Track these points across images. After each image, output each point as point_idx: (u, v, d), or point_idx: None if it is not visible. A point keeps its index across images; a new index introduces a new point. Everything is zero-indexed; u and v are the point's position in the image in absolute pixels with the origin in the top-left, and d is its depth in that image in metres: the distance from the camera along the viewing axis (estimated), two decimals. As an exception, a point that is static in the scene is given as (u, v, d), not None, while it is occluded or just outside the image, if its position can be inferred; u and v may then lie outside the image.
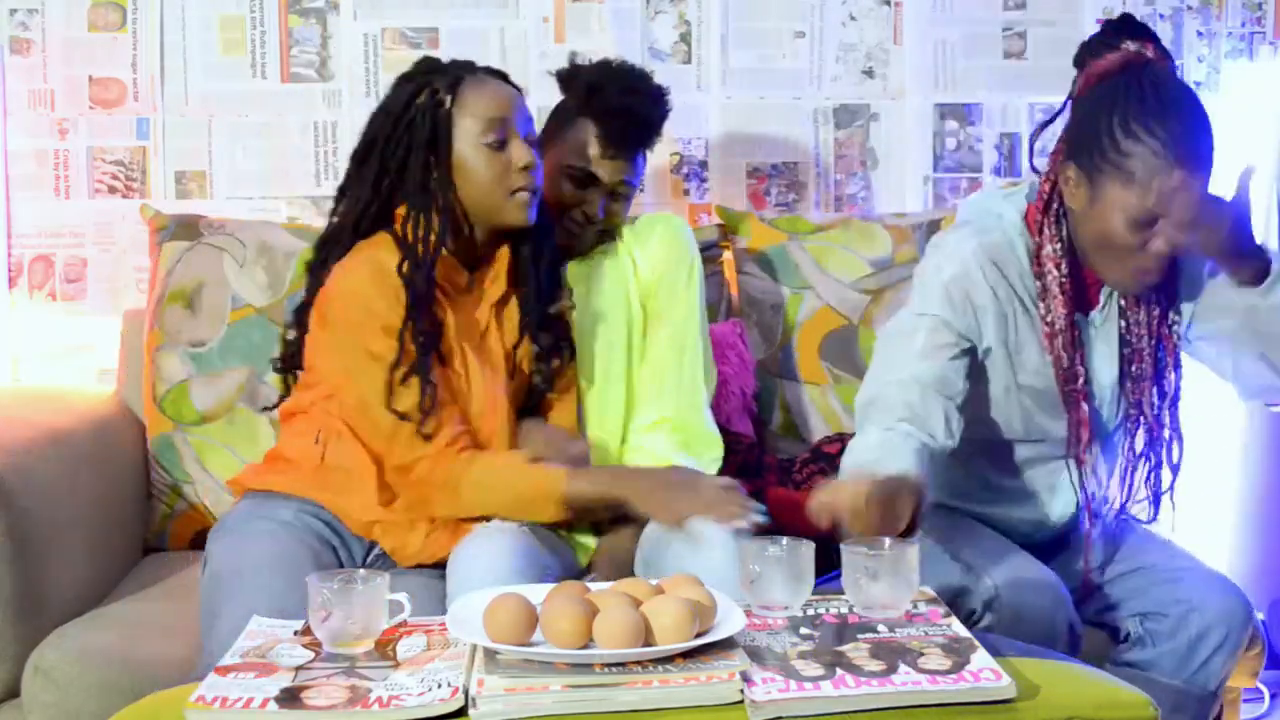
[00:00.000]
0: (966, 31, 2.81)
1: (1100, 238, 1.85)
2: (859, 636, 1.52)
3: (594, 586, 1.54)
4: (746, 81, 2.76)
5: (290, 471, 1.95)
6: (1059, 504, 2.04)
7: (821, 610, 1.62)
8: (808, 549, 1.61)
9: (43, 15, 2.64)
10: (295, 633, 1.58)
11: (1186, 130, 1.79)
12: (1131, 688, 1.48)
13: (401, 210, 1.93)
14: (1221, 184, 1.83)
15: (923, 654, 1.46)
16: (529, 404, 2.04)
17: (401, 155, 1.92)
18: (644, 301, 2.17)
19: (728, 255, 2.62)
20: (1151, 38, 1.88)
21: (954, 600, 1.81)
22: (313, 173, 2.70)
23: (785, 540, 1.63)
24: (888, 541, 1.64)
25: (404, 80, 1.98)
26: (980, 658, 1.45)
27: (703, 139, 2.77)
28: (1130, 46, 1.87)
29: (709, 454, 2.12)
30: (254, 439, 2.40)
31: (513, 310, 2.01)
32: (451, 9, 2.71)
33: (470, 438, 1.90)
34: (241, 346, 2.42)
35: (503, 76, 2.01)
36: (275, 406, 2.08)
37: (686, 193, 2.78)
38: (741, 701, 1.36)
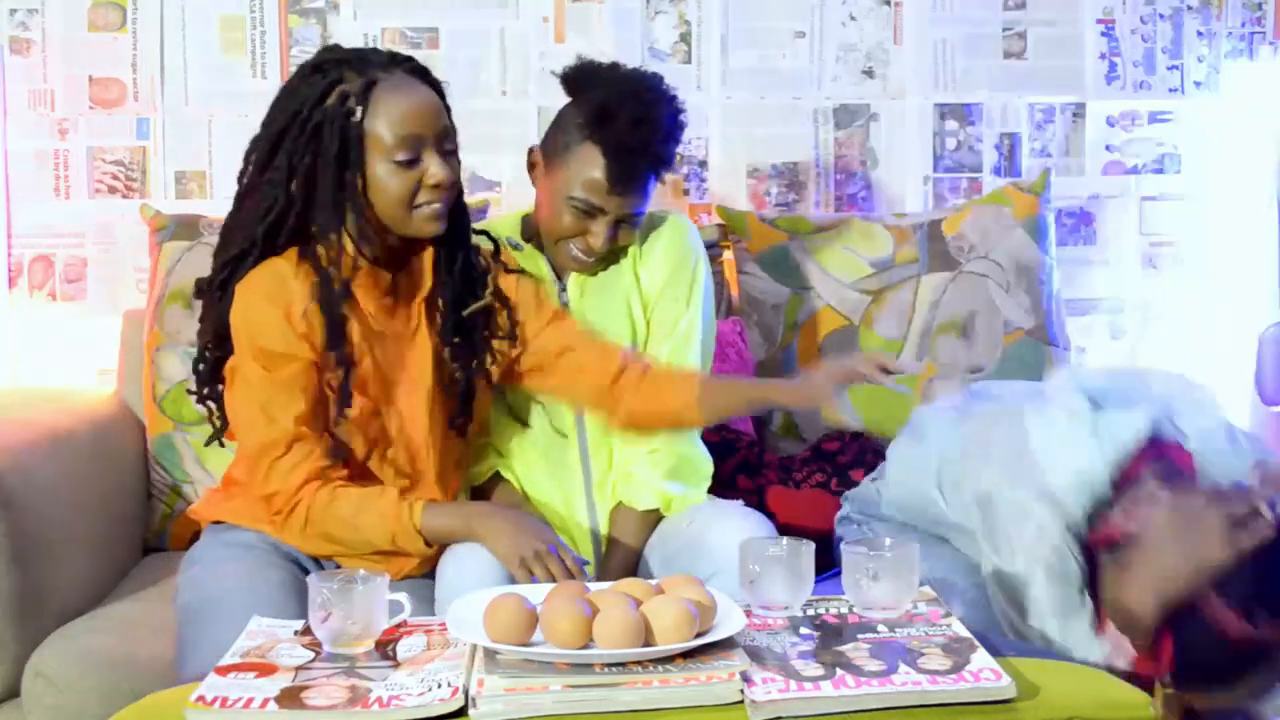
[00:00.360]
0: (966, 31, 2.81)
1: None
2: (859, 636, 1.52)
3: (594, 586, 1.54)
4: (746, 81, 2.76)
5: (241, 497, 1.91)
6: None
7: (821, 610, 1.62)
8: (808, 549, 1.61)
9: (43, 15, 2.64)
10: (295, 633, 1.58)
11: None
12: (1132, 688, 1.48)
13: (313, 229, 1.81)
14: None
15: (923, 654, 1.46)
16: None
17: (309, 164, 1.79)
18: (646, 315, 2.10)
19: (728, 255, 2.62)
20: None
21: None
22: (313, 173, 2.70)
23: (785, 540, 1.63)
24: (888, 541, 1.64)
25: (311, 71, 1.83)
26: (980, 658, 1.45)
27: (703, 139, 2.77)
28: None
29: (697, 477, 2.08)
30: (254, 439, 2.40)
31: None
32: (451, 9, 2.71)
33: (336, 471, 1.82)
34: (241, 346, 2.42)
35: (420, 73, 1.86)
36: (217, 437, 1.93)
37: (686, 193, 2.78)
38: (741, 701, 1.36)
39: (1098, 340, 2.86)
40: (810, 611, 1.61)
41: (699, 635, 1.42)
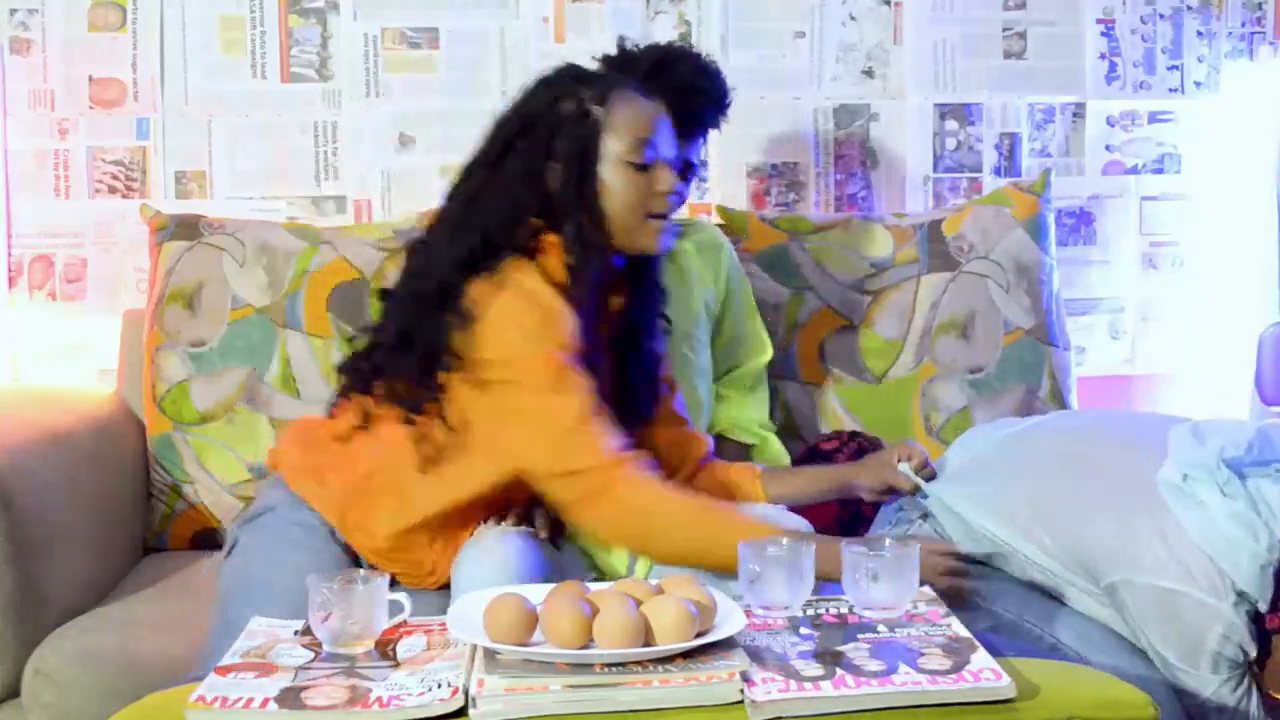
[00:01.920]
0: (966, 31, 2.81)
1: None
2: (859, 636, 1.52)
3: (593, 587, 1.54)
4: (746, 81, 2.76)
5: (335, 487, 1.86)
6: None
7: (821, 610, 1.62)
8: (808, 549, 1.61)
9: (43, 15, 2.64)
10: (295, 633, 1.58)
11: None
12: (1132, 687, 1.48)
13: (537, 223, 1.80)
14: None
15: (923, 654, 1.46)
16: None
17: (539, 164, 1.79)
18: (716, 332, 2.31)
19: (728, 255, 2.62)
20: None
21: None
22: (312, 173, 2.70)
23: (785, 540, 1.63)
24: (888, 541, 1.64)
25: (545, 84, 1.85)
26: (980, 658, 1.44)
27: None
28: None
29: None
30: (254, 439, 2.40)
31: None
32: (451, 9, 2.71)
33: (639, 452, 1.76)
34: (241, 346, 2.42)
35: (645, 92, 1.87)
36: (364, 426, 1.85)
37: (686, 193, 2.78)
38: (741, 701, 1.36)
39: (1098, 340, 2.86)
40: (810, 611, 1.61)
41: (699, 635, 1.42)
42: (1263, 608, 1.73)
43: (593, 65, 2.21)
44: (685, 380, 2.22)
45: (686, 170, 2.13)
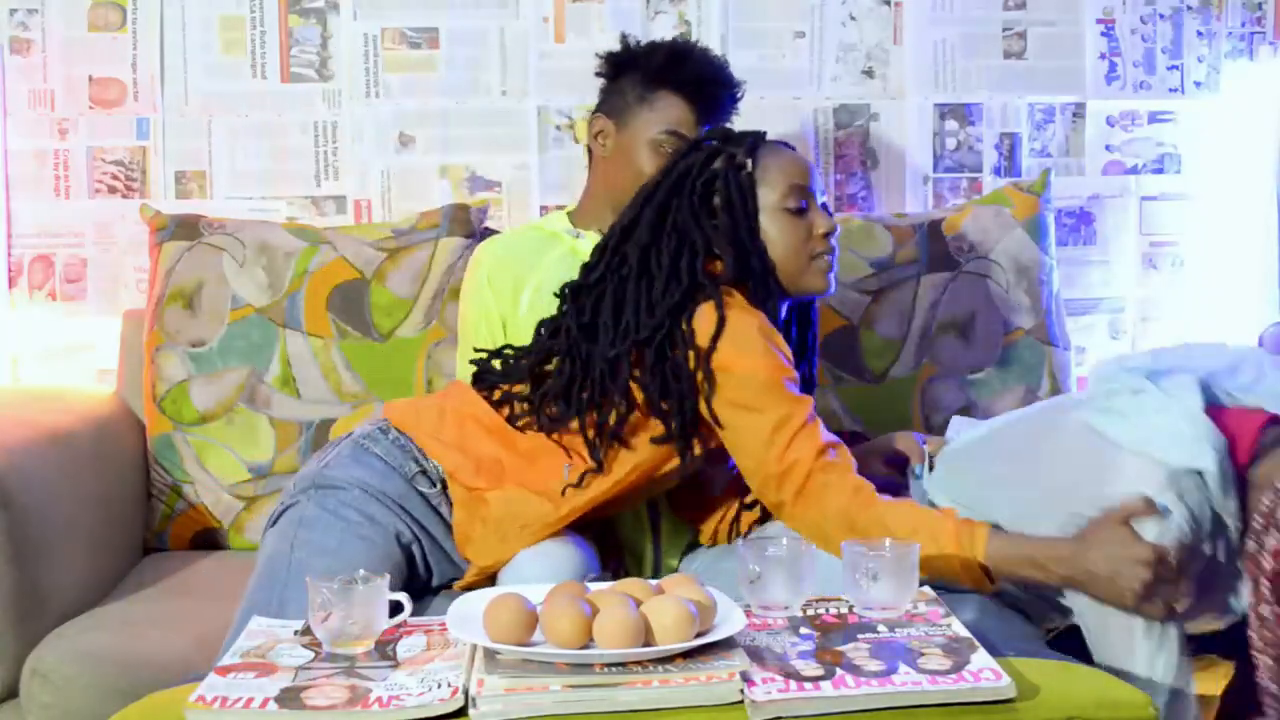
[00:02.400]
0: (966, 31, 2.81)
1: None
2: (859, 636, 1.52)
3: (594, 587, 1.54)
4: (746, 81, 2.76)
5: (504, 480, 1.87)
6: None
7: (821, 610, 1.62)
8: (808, 548, 1.61)
9: (43, 15, 2.64)
10: (295, 633, 1.58)
11: None
12: (1132, 687, 1.48)
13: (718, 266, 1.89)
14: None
15: (923, 654, 1.46)
16: None
17: (704, 220, 1.89)
18: None
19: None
20: None
21: None
22: (312, 173, 2.70)
23: (785, 540, 1.63)
24: (888, 541, 1.64)
25: (695, 148, 1.95)
26: (980, 658, 1.45)
27: (703, 139, 2.77)
28: None
29: None
30: (254, 439, 2.40)
31: None
32: (451, 9, 2.70)
33: (843, 452, 1.83)
34: (241, 346, 2.42)
35: (791, 147, 1.99)
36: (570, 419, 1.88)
37: (686, 193, 2.78)
38: (741, 701, 1.36)
39: (1098, 340, 2.86)
40: (810, 611, 1.61)
41: (699, 635, 1.42)
42: (1211, 479, 1.69)
43: (596, 63, 2.30)
44: None
45: None
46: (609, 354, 1.86)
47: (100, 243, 2.67)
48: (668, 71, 2.19)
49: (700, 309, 1.84)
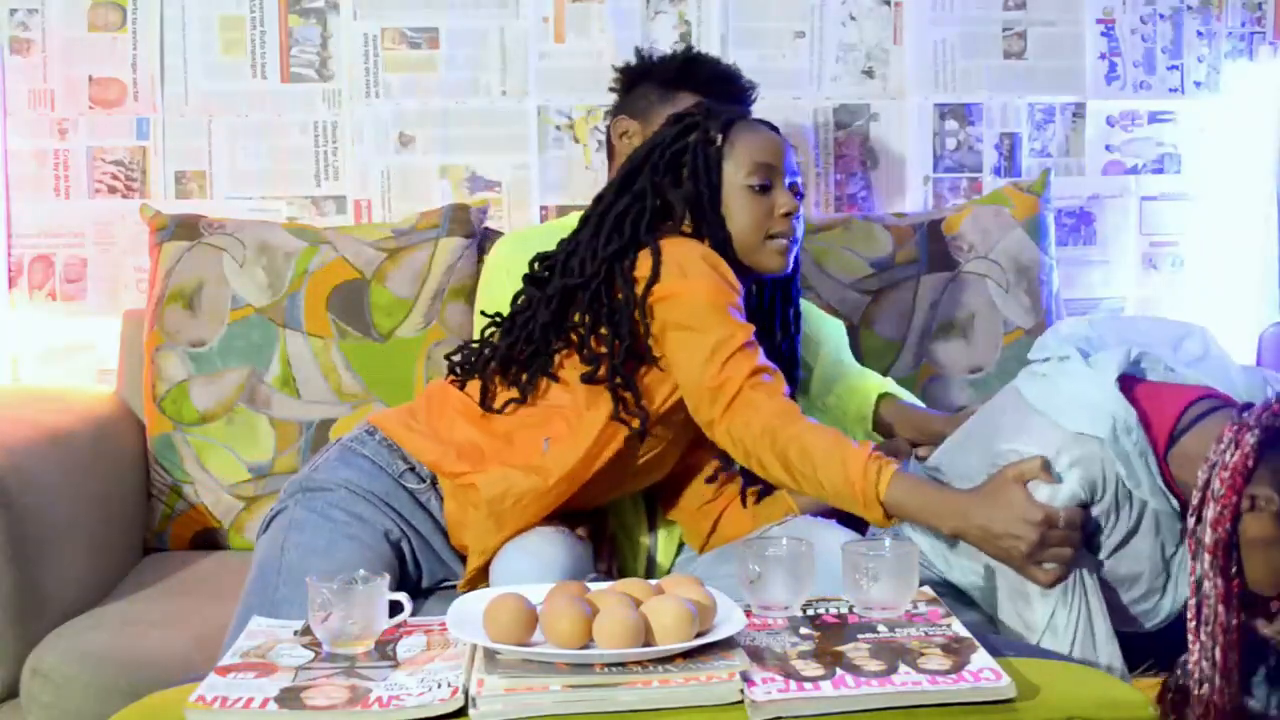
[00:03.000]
0: (966, 31, 2.81)
1: None
2: (859, 636, 1.52)
3: (594, 586, 1.54)
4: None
5: (492, 463, 1.87)
6: None
7: (821, 610, 1.62)
8: (808, 548, 1.61)
9: (43, 15, 2.64)
10: (295, 633, 1.58)
11: None
12: (1131, 688, 1.48)
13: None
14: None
15: (923, 654, 1.46)
16: None
17: (666, 188, 1.92)
18: None
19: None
20: None
21: None
22: (312, 173, 2.70)
23: (785, 540, 1.63)
24: (888, 541, 1.64)
25: (676, 119, 1.98)
26: (980, 658, 1.45)
27: (703, 139, 2.77)
28: None
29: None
30: (254, 439, 2.40)
31: None
32: (451, 9, 2.70)
33: (778, 377, 1.83)
34: (241, 346, 2.42)
35: (773, 127, 2.00)
36: (522, 397, 1.91)
37: (686, 193, 2.77)
38: (741, 701, 1.36)
39: (1098, 340, 2.86)
40: (810, 611, 1.61)
41: (699, 635, 1.42)
42: (1109, 447, 1.69)
43: (613, 75, 2.37)
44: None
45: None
46: (548, 294, 1.90)
47: (100, 243, 2.67)
48: (685, 75, 2.28)
49: (640, 255, 1.87)
